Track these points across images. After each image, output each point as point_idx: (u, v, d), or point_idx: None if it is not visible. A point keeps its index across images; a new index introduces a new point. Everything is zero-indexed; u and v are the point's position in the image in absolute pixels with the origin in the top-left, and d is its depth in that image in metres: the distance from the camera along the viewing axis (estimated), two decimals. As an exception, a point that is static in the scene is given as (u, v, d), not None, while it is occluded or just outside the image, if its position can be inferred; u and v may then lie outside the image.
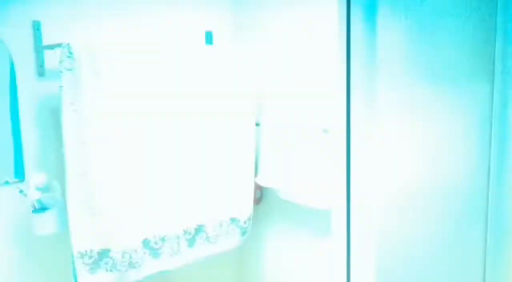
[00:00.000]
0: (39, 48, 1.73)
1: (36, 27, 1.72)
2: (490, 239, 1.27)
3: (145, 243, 1.79)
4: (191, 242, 1.96)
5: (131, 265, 1.75)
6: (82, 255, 1.64)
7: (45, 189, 1.76)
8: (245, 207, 2.11)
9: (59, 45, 1.59)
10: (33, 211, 1.70)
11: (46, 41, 1.73)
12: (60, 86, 1.56)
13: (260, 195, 2.19)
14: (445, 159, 1.10)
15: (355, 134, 0.88)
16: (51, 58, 1.70)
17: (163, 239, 1.85)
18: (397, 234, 0.99)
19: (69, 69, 1.56)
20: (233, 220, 2.10)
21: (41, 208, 1.70)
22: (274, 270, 2.25)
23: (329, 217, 1.84)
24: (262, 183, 2.09)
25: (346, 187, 0.91)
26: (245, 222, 2.13)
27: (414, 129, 1.00)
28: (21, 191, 1.65)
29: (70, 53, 1.55)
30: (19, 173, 1.74)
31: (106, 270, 1.69)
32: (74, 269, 1.65)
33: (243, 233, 2.13)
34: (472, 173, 1.22)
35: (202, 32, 2.16)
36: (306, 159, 1.88)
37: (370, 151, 0.87)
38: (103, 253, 1.68)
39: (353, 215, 0.90)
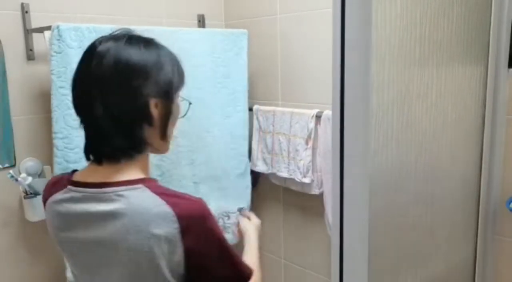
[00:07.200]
0: (28, 31, 1.70)
1: (25, 10, 1.69)
2: (481, 221, 1.28)
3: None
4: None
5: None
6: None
7: (36, 174, 1.75)
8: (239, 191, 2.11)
9: (48, 28, 1.57)
10: (24, 197, 1.69)
11: (35, 24, 1.70)
12: (50, 70, 1.54)
13: (254, 180, 2.19)
14: (438, 142, 1.10)
15: (348, 117, 0.87)
16: (40, 42, 1.67)
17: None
18: (389, 215, 1.00)
19: (59, 52, 1.54)
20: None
21: (33, 193, 1.69)
22: (269, 253, 2.26)
23: (322, 200, 1.86)
24: (255, 168, 2.09)
25: (339, 171, 0.91)
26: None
27: (407, 111, 1.00)
28: (11, 176, 1.63)
29: (60, 36, 1.53)
30: (10, 158, 1.72)
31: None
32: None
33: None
34: (465, 155, 1.22)
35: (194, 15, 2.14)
36: (297, 143, 1.88)
37: (364, 134, 0.87)
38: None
39: (346, 198, 0.90)
